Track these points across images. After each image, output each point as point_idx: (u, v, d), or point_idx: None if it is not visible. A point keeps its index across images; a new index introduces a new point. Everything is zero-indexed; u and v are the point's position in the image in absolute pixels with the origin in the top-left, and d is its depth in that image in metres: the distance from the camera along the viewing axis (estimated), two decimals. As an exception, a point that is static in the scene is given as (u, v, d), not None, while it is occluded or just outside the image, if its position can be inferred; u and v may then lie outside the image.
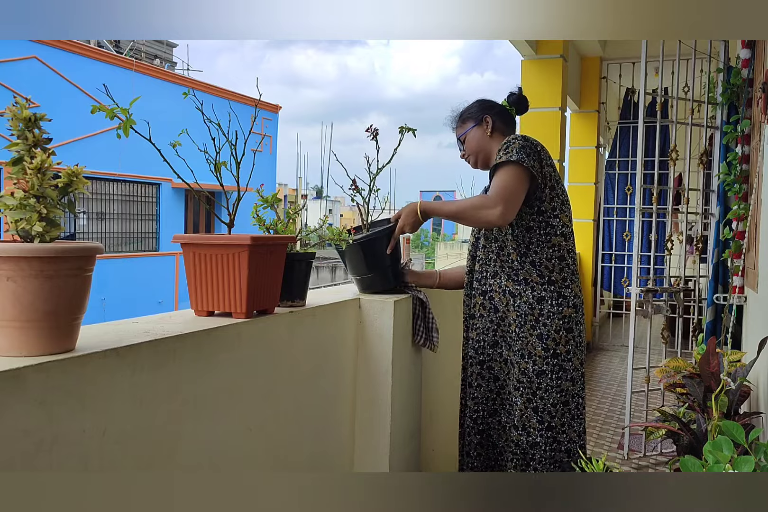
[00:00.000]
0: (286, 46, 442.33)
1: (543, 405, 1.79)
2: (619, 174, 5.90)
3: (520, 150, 1.77)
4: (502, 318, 1.88)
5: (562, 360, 1.80)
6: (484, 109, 1.99)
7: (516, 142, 1.80)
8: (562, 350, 1.80)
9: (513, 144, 1.80)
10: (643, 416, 3.48)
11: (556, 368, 1.80)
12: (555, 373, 1.79)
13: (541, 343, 1.79)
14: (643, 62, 3.17)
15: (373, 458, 1.83)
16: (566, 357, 1.81)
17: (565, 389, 1.81)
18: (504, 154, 1.79)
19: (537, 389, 1.79)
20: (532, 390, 1.80)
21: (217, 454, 1.29)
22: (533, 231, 1.83)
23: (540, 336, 1.79)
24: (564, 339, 1.81)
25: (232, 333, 1.32)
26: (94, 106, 1.19)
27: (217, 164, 1.42)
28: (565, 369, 1.80)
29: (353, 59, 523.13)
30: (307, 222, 10.17)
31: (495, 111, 1.99)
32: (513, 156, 1.76)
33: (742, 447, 1.37)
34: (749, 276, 2.88)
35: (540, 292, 1.81)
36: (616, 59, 5.78)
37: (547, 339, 1.79)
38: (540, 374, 1.79)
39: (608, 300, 6.65)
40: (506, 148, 1.81)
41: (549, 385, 1.79)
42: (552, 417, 1.79)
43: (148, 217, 12.45)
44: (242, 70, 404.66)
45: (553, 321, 1.80)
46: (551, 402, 1.79)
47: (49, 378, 0.92)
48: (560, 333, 1.80)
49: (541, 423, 1.79)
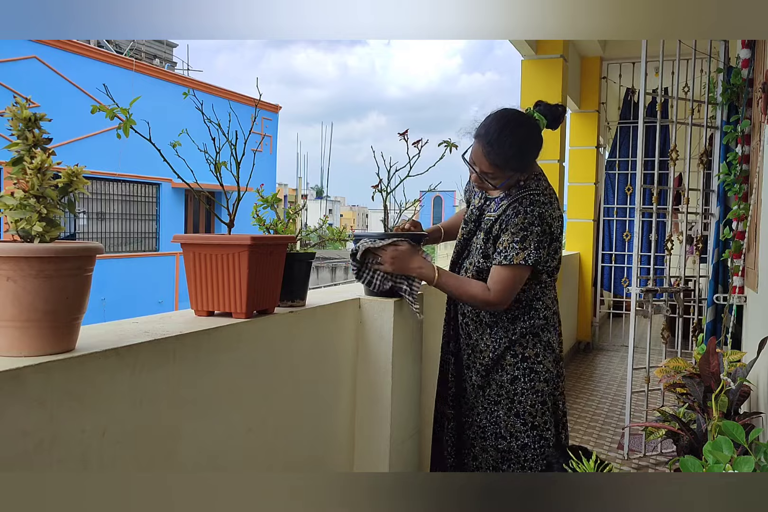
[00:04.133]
0: (286, 45, 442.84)
1: (523, 409, 1.81)
2: (619, 174, 5.90)
3: (539, 245, 1.67)
4: (475, 344, 1.87)
5: (532, 363, 1.81)
6: (531, 156, 1.74)
7: (534, 228, 1.66)
8: (530, 353, 1.81)
9: (532, 229, 1.66)
10: (643, 416, 3.48)
11: (527, 371, 1.81)
12: (527, 376, 1.81)
13: (509, 351, 1.81)
14: (643, 62, 3.17)
15: (373, 458, 1.83)
16: (535, 359, 1.81)
17: (540, 389, 1.82)
18: (519, 245, 1.66)
19: (514, 395, 1.81)
20: (509, 398, 1.81)
21: (217, 454, 1.29)
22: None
23: (507, 348, 1.81)
24: (531, 343, 1.81)
25: (232, 334, 1.32)
26: (94, 106, 1.19)
27: (217, 164, 1.42)
28: (536, 371, 1.81)
29: (354, 59, 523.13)
30: (307, 222, 10.16)
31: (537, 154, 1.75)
32: (531, 257, 1.66)
33: (742, 447, 1.37)
34: (749, 276, 2.88)
35: (513, 312, 1.80)
36: (616, 59, 5.78)
37: (514, 345, 1.81)
38: (513, 380, 1.81)
39: (608, 300, 6.65)
40: (524, 228, 1.66)
41: (524, 388, 1.80)
42: (534, 417, 1.81)
43: (148, 217, 12.45)
44: (242, 70, 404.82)
45: (520, 331, 1.81)
46: (530, 404, 1.81)
47: (49, 378, 0.92)
48: (526, 338, 1.81)
49: (524, 425, 1.81)
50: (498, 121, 1.69)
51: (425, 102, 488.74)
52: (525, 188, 1.74)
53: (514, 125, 1.69)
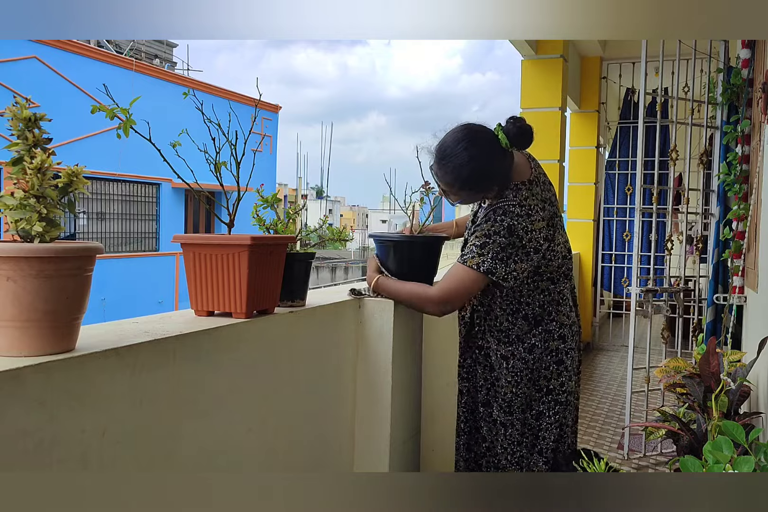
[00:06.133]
0: (285, 45, 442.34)
1: (546, 445, 1.72)
2: (619, 174, 5.90)
3: (497, 256, 1.58)
4: (497, 378, 1.74)
5: (557, 395, 1.72)
6: (485, 176, 1.62)
7: (498, 238, 1.58)
8: (555, 384, 1.72)
9: (495, 238, 1.59)
10: (643, 416, 3.47)
11: (552, 404, 1.72)
12: (552, 410, 1.72)
13: (535, 386, 1.71)
14: (643, 62, 3.17)
15: (373, 458, 1.83)
16: (560, 389, 1.72)
17: (563, 421, 1.74)
18: (479, 250, 1.60)
19: (538, 431, 1.72)
20: (533, 434, 1.72)
21: (217, 454, 1.29)
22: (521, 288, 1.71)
23: (531, 380, 1.71)
24: (555, 372, 1.72)
25: (232, 334, 1.32)
26: (94, 106, 1.19)
27: (217, 164, 1.42)
28: (560, 402, 1.73)
29: (354, 59, 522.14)
30: (307, 222, 10.12)
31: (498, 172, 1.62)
32: (485, 265, 1.59)
33: (742, 447, 1.37)
34: (749, 276, 2.88)
35: (530, 339, 1.70)
36: (616, 59, 5.78)
37: (539, 379, 1.71)
38: (539, 416, 1.72)
39: (608, 300, 6.65)
40: (487, 236, 1.59)
41: (548, 423, 1.72)
42: (555, 452, 1.74)
43: (148, 217, 12.45)
44: (242, 70, 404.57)
45: (543, 361, 1.70)
46: (553, 440, 1.72)
47: (49, 378, 0.92)
48: (551, 369, 1.71)
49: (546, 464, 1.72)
50: (451, 139, 1.63)
51: (425, 102, 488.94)
52: (502, 198, 1.65)
53: (466, 144, 1.59)
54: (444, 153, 1.62)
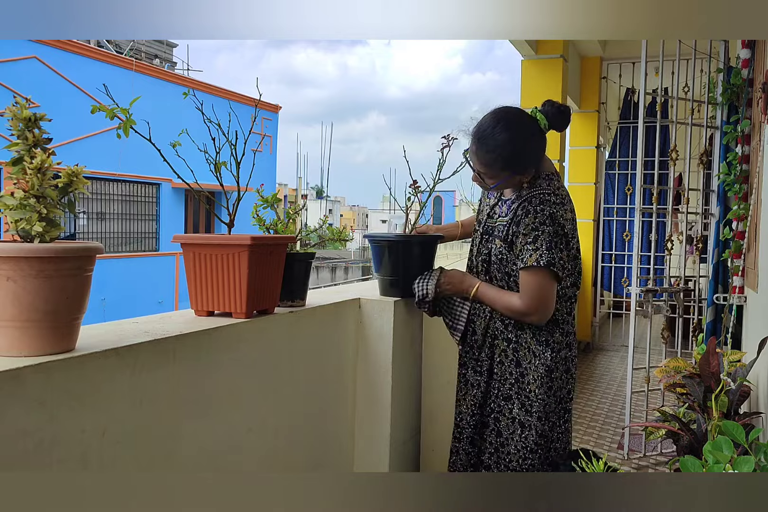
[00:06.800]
0: (285, 45, 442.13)
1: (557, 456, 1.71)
2: (619, 174, 5.90)
3: (551, 245, 1.57)
4: (522, 374, 1.69)
5: (566, 403, 1.72)
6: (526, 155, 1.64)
7: (546, 228, 1.58)
8: (564, 393, 1.71)
9: (543, 228, 1.58)
10: (643, 416, 3.47)
11: (562, 412, 1.71)
12: (562, 418, 1.71)
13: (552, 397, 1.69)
14: (643, 62, 3.17)
15: (373, 458, 1.83)
16: (567, 397, 1.72)
17: (569, 422, 1.74)
18: (532, 245, 1.58)
19: (550, 442, 1.70)
20: (546, 446, 1.69)
21: (217, 454, 1.29)
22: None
23: (549, 389, 1.68)
24: (565, 379, 1.72)
25: (232, 334, 1.32)
26: (94, 106, 1.19)
27: (217, 164, 1.42)
28: (567, 410, 1.72)
29: (354, 59, 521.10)
30: (307, 222, 10.10)
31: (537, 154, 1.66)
32: (543, 258, 1.56)
33: (742, 447, 1.37)
34: (749, 276, 2.88)
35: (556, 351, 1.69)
36: (616, 59, 5.78)
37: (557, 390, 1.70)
38: (552, 427, 1.70)
39: (608, 300, 6.65)
40: (535, 228, 1.58)
41: (559, 433, 1.71)
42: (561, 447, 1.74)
43: (148, 217, 12.45)
44: (242, 70, 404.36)
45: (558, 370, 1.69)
46: (562, 447, 1.72)
47: (49, 378, 0.92)
48: (563, 378, 1.71)
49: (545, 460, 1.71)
50: (491, 119, 1.64)
51: (425, 102, 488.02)
52: (535, 187, 1.66)
53: (505, 123, 1.61)
54: (484, 133, 1.62)
